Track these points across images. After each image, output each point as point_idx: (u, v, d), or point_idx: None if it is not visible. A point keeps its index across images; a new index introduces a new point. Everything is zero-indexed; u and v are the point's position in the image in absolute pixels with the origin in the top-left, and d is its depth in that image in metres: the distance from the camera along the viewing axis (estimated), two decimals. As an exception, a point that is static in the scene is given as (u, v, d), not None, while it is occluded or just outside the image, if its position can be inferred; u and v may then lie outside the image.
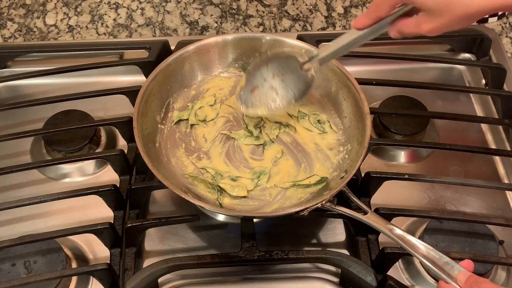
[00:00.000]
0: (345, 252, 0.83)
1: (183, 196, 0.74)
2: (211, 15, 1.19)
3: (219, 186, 0.81)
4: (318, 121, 0.90)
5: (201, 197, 0.81)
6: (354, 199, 0.77)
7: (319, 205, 0.75)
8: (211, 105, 0.91)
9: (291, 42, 0.93)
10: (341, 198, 0.82)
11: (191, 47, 0.91)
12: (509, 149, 0.97)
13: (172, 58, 0.90)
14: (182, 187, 0.81)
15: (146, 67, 0.99)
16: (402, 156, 0.96)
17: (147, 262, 0.81)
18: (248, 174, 0.84)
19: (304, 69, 0.83)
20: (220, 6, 1.20)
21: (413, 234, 0.84)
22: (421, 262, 0.79)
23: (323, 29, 1.18)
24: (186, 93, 0.93)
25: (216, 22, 1.18)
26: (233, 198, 0.81)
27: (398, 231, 0.72)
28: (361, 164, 0.78)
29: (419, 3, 0.67)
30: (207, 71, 0.95)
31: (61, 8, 1.19)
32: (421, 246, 0.70)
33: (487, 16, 1.17)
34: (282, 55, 0.85)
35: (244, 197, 0.82)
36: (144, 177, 0.89)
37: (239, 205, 0.81)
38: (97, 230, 0.79)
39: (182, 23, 1.18)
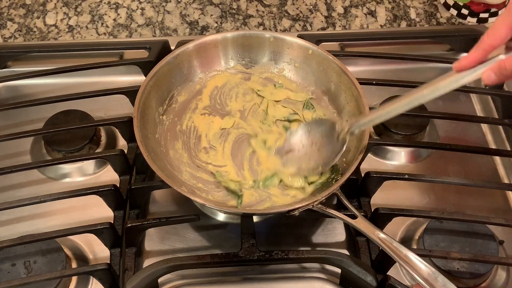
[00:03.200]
0: (345, 252, 0.83)
1: (178, 190, 0.74)
2: (211, 15, 1.19)
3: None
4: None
5: (194, 191, 0.81)
6: (345, 202, 0.77)
7: (310, 206, 0.75)
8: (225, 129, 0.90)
9: (291, 40, 0.93)
10: (339, 199, 0.82)
11: (197, 42, 0.92)
12: (509, 149, 0.97)
13: (180, 51, 0.90)
14: (178, 181, 0.80)
15: (146, 67, 0.99)
16: (402, 156, 0.96)
17: (147, 262, 0.81)
18: (249, 178, 0.84)
19: (341, 138, 0.80)
20: (220, 6, 1.20)
21: (413, 234, 0.85)
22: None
23: (323, 29, 1.18)
24: (191, 87, 0.93)
25: (216, 22, 1.18)
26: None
27: (385, 238, 0.71)
28: (355, 168, 0.78)
29: None
30: (213, 67, 0.95)
31: (61, 8, 1.19)
32: (408, 253, 0.69)
33: (487, 17, 1.17)
34: (326, 123, 0.83)
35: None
36: (144, 177, 0.89)
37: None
38: (97, 230, 0.79)
39: (182, 23, 1.18)
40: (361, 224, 0.74)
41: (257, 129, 0.89)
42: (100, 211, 0.85)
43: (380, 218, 0.81)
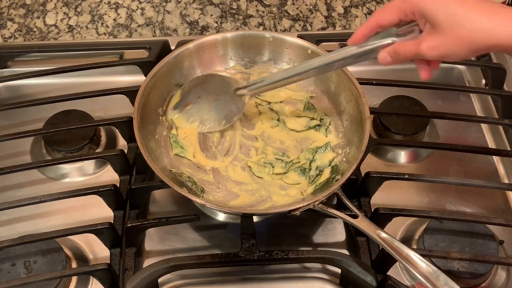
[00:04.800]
0: (345, 252, 0.83)
1: (178, 190, 0.74)
2: (211, 15, 1.19)
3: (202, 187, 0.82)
4: (321, 119, 0.90)
5: (195, 192, 0.81)
6: (347, 202, 0.77)
7: (311, 206, 0.75)
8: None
9: (290, 40, 0.93)
10: (340, 199, 0.82)
11: (196, 42, 0.92)
12: (509, 149, 0.97)
13: (179, 51, 0.90)
14: (177, 182, 0.81)
15: (146, 67, 0.99)
16: (402, 156, 0.96)
17: (147, 262, 0.81)
18: (248, 182, 0.84)
19: (238, 94, 0.86)
20: (220, 6, 1.20)
21: (413, 234, 0.85)
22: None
23: (323, 29, 1.18)
24: None
25: (216, 22, 1.18)
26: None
27: (387, 237, 0.71)
28: (356, 168, 0.77)
29: (431, 14, 0.63)
30: (212, 67, 0.95)
31: (61, 8, 1.19)
32: (409, 252, 0.69)
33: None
34: (217, 77, 0.89)
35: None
36: (144, 177, 0.89)
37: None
38: (97, 230, 0.79)
39: (182, 23, 1.18)
40: (362, 223, 0.74)
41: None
42: (100, 211, 0.85)
43: (380, 218, 0.81)
